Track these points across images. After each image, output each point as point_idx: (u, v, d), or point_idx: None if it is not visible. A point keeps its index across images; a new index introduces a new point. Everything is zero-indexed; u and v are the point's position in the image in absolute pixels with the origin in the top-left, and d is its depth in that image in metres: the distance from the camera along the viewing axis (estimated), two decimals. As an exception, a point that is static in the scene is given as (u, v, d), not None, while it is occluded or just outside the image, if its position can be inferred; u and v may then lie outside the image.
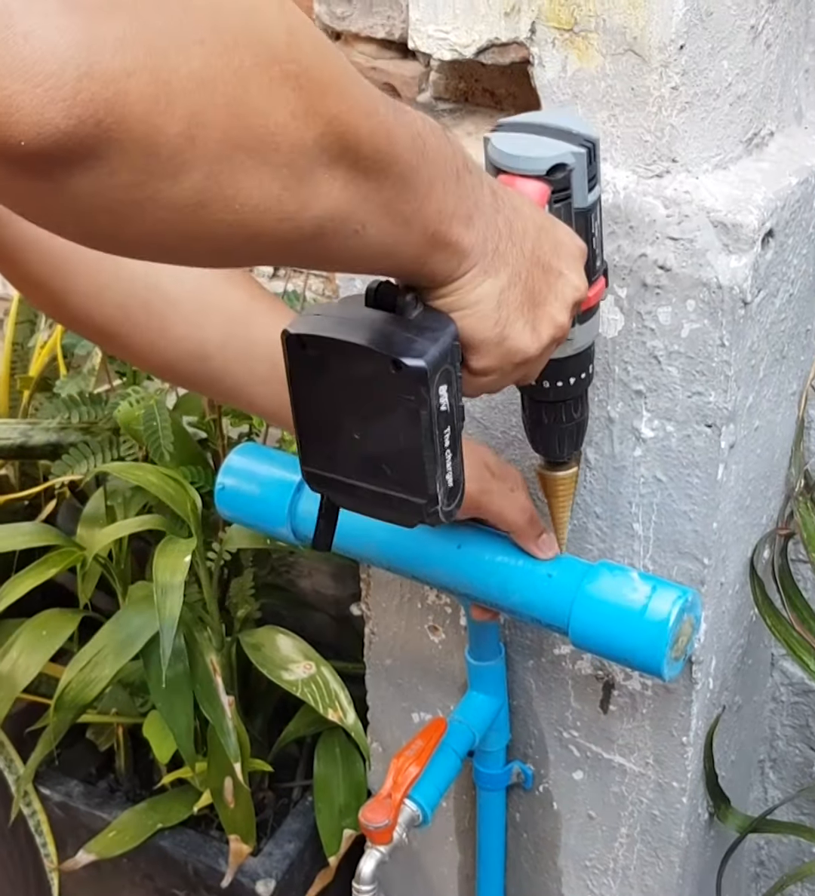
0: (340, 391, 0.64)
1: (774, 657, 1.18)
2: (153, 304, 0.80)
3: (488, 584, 0.91)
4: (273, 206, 0.48)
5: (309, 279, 1.56)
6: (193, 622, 1.35)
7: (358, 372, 0.62)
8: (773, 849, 1.29)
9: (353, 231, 0.53)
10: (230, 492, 1.03)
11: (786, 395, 0.99)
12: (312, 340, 0.63)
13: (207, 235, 0.47)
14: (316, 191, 0.49)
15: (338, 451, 0.66)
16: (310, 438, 0.67)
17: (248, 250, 0.51)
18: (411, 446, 0.63)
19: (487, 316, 0.64)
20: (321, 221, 0.51)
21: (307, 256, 0.55)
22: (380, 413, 0.63)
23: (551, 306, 0.69)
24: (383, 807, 0.96)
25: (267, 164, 0.46)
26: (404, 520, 0.67)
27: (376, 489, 0.66)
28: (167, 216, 0.45)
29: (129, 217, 0.44)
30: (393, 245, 0.57)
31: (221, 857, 1.38)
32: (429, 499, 0.65)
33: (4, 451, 1.48)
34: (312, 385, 0.65)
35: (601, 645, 0.87)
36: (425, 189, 0.57)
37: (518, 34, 0.88)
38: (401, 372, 0.60)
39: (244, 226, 0.47)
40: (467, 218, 0.61)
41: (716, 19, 0.82)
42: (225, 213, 0.46)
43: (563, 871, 1.16)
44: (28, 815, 1.46)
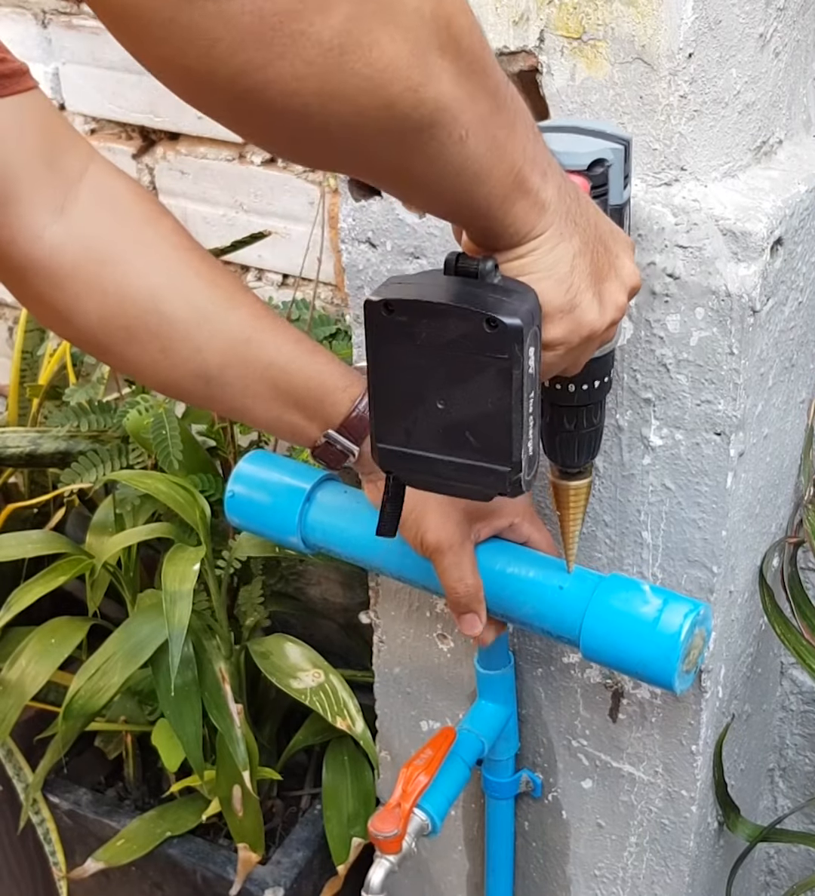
0: (426, 357, 0.63)
1: (783, 666, 1.18)
2: (156, 325, 0.81)
3: (499, 595, 0.91)
4: (402, 71, 0.50)
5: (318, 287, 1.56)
6: (201, 630, 1.35)
7: (449, 334, 0.62)
8: (783, 858, 1.29)
9: (458, 136, 0.55)
10: (240, 500, 1.03)
11: (795, 404, 0.99)
12: (400, 305, 0.63)
13: (343, 95, 0.49)
14: (434, 71, 0.52)
15: (418, 423, 0.66)
16: (387, 413, 0.67)
17: (373, 131, 0.52)
18: (499, 409, 0.63)
19: (561, 280, 0.65)
20: (438, 107, 0.53)
21: (416, 155, 0.56)
22: (469, 376, 0.63)
23: (612, 283, 0.69)
24: (393, 816, 0.96)
25: (396, 22, 0.49)
26: (485, 492, 0.67)
27: (458, 460, 0.66)
28: (313, 57, 0.47)
29: (279, 53, 0.46)
30: (487, 171, 0.58)
31: (229, 866, 1.38)
32: (513, 466, 0.65)
33: (14, 460, 1.48)
34: (395, 354, 0.64)
35: (612, 657, 0.87)
36: (512, 122, 0.59)
37: (527, 43, 0.88)
38: (496, 330, 0.61)
39: (377, 87, 0.50)
40: (543, 172, 0.63)
41: (725, 28, 0.82)
42: (362, 65, 0.49)
43: (572, 880, 1.16)
44: (37, 823, 1.46)
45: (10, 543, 1.41)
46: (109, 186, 0.81)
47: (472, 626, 0.90)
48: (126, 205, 0.82)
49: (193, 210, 1.66)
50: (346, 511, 0.97)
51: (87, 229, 0.79)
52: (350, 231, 1.00)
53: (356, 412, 0.85)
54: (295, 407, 0.85)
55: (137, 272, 0.80)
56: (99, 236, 0.80)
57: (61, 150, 0.79)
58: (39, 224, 0.77)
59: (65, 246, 0.78)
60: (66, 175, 0.78)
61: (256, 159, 1.57)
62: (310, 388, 0.85)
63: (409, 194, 0.65)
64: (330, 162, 0.60)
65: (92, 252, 0.79)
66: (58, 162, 0.78)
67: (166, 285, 0.81)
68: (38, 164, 0.77)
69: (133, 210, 0.82)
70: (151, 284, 0.81)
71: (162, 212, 0.84)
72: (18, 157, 0.76)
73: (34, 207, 0.77)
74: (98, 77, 1.66)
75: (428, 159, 0.56)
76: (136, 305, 0.80)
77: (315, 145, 0.54)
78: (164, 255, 0.82)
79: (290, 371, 0.84)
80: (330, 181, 1.47)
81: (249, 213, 1.61)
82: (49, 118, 0.78)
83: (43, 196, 0.77)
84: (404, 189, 0.63)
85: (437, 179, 0.59)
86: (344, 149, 0.55)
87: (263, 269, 1.64)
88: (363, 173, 0.61)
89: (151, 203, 0.83)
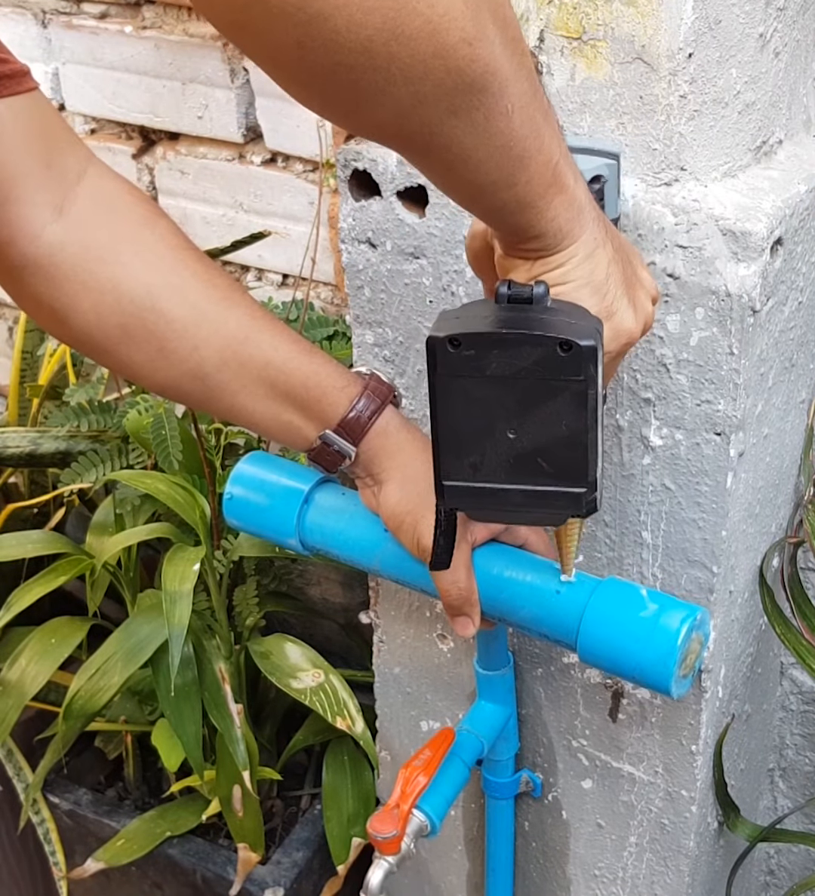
0: (495, 388, 0.64)
1: (783, 666, 1.18)
2: (153, 324, 0.81)
3: (496, 599, 0.91)
4: (458, 21, 0.52)
5: (318, 287, 1.56)
6: (201, 630, 1.35)
7: (521, 362, 0.62)
8: (783, 858, 1.29)
9: (505, 109, 0.57)
10: (238, 501, 1.02)
11: (795, 404, 0.99)
12: (467, 338, 0.63)
13: (405, 35, 0.51)
14: (487, 30, 0.54)
15: (487, 456, 0.66)
16: (453, 450, 0.67)
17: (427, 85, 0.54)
18: (575, 431, 0.63)
19: (598, 287, 0.66)
20: (488, 69, 0.55)
21: (464, 121, 0.57)
22: (541, 402, 0.63)
23: (639, 291, 0.70)
24: (391, 817, 0.96)
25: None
26: (558, 516, 0.68)
27: (529, 488, 0.66)
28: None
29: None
30: (529, 156, 0.59)
31: (229, 866, 1.38)
32: (589, 486, 0.65)
33: (14, 460, 1.48)
34: (463, 388, 0.64)
35: (609, 662, 0.87)
36: (546, 110, 0.61)
37: (527, 43, 0.88)
38: (571, 352, 0.61)
39: (435, 31, 0.52)
40: (575, 173, 0.64)
41: (724, 27, 0.82)
42: (423, 6, 0.51)
43: (572, 880, 1.16)
44: (37, 823, 1.46)
45: (10, 543, 1.41)
46: (107, 189, 0.82)
47: (465, 627, 0.90)
48: (123, 207, 0.82)
49: (193, 210, 1.66)
50: (344, 513, 0.97)
51: (86, 230, 0.79)
52: (350, 231, 1.00)
53: (354, 412, 0.85)
54: (292, 406, 0.85)
55: (134, 272, 0.81)
56: (97, 237, 0.80)
57: (61, 151, 0.79)
58: (38, 224, 0.77)
59: (63, 246, 0.78)
60: (65, 176, 0.79)
61: (256, 159, 1.57)
62: (308, 388, 0.85)
63: (453, 173, 0.63)
64: (382, 120, 0.58)
65: (90, 252, 0.79)
66: (57, 163, 0.78)
67: (164, 285, 0.81)
68: (37, 165, 0.77)
69: (130, 212, 0.82)
70: (149, 283, 0.81)
71: (158, 213, 0.84)
72: (19, 158, 0.76)
73: (33, 207, 0.77)
74: (98, 77, 1.66)
75: (475, 128, 0.57)
76: (133, 304, 0.80)
77: (373, 96, 0.55)
78: (161, 256, 0.82)
79: (287, 370, 0.84)
80: (330, 181, 1.47)
81: (249, 213, 1.61)
82: (49, 119, 0.79)
83: (42, 196, 0.77)
84: (449, 164, 0.61)
85: (482, 155, 0.59)
86: (398, 105, 0.55)
87: (263, 269, 1.64)
88: (410, 140, 0.60)
89: (147, 205, 0.84)
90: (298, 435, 0.87)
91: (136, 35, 1.58)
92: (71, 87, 1.70)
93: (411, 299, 0.99)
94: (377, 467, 0.88)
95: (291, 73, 0.54)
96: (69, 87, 1.71)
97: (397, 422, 0.88)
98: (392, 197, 0.96)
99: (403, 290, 0.99)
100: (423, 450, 0.87)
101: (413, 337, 1.01)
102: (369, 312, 1.03)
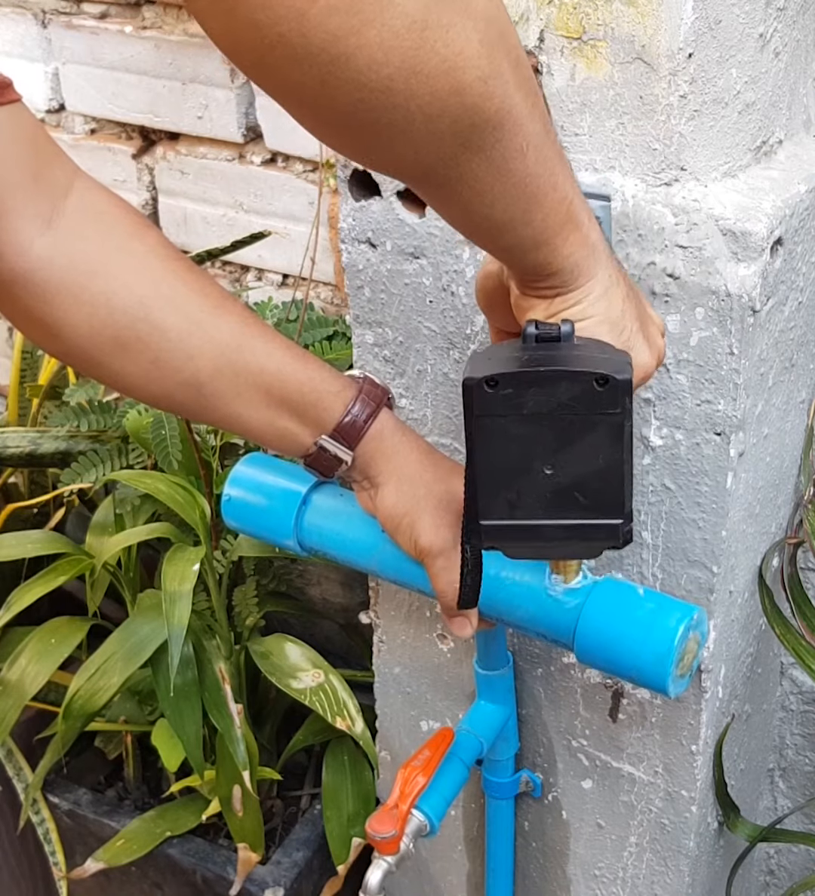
0: (533, 426, 0.65)
1: (783, 666, 1.18)
2: (147, 335, 0.81)
3: (494, 599, 0.91)
4: (473, 59, 0.54)
5: (318, 287, 1.56)
6: (201, 630, 1.35)
7: (558, 399, 0.64)
8: (783, 858, 1.29)
9: (520, 147, 0.58)
10: (237, 503, 1.02)
11: (795, 404, 0.99)
12: (505, 378, 0.64)
13: (423, 73, 0.52)
14: (501, 68, 0.56)
15: (524, 493, 0.67)
16: (490, 489, 0.68)
17: (445, 121, 0.55)
18: (611, 463, 0.65)
19: (615, 323, 0.67)
20: (503, 106, 0.56)
21: (480, 158, 0.58)
22: (578, 436, 0.64)
23: (651, 327, 0.72)
24: (390, 817, 0.96)
25: (468, 13, 0.53)
26: (595, 548, 0.69)
27: (567, 522, 0.67)
28: (398, 28, 0.51)
29: (368, 20, 0.50)
30: (544, 193, 0.61)
31: (229, 866, 1.38)
32: (625, 517, 0.67)
33: (14, 460, 1.48)
34: (500, 428, 0.65)
35: (606, 661, 0.87)
36: (560, 150, 0.62)
37: (527, 43, 0.88)
38: (607, 386, 0.63)
39: (451, 69, 0.53)
40: (588, 213, 0.65)
41: (724, 27, 0.82)
42: (441, 45, 0.52)
43: (572, 880, 1.16)
44: (37, 823, 1.46)
45: (10, 543, 1.41)
46: (95, 201, 0.81)
47: (462, 628, 0.90)
48: (111, 219, 0.81)
49: (193, 210, 1.66)
50: (342, 514, 0.97)
51: (75, 242, 0.78)
52: (350, 231, 1.00)
53: (350, 416, 0.85)
54: (288, 413, 0.85)
55: (125, 284, 0.80)
56: (86, 249, 0.79)
57: (48, 163, 0.78)
58: (27, 238, 0.76)
59: (52, 259, 0.77)
60: (52, 188, 0.78)
61: (256, 159, 1.57)
62: (303, 394, 0.84)
63: (469, 210, 0.64)
64: (401, 156, 0.59)
65: (80, 265, 0.78)
66: (44, 175, 0.77)
67: (156, 296, 0.81)
68: (25, 177, 0.76)
69: (119, 224, 0.81)
70: (141, 295, 0.80)
71: (147, 224, 0.83)
72: (5, 170, 0.75)
73: (22, 220, 0.76)
74: (98, 77, 1.66)
75: (491, 165, 0.58)
76: (126, 316, 0.80)
77: (392, 133, 0.56)
78: (151, 267, 0.81)
79: (282, 377, 0.84)
80: (330, 181, 1.47)
81: (249, 213, 1.61)
82: (34, 131, 0.77)
83: (31, 209, 0.76)
84: (466, 201, 0.62)
85: (498, 192, 0.60)
86: (416, 141, 0.56)
87: (263, 269, 1.64)
88: (427, 176, 0.61)
89: (135, 216, 0.83)
90: (294, 441, 0.87)
91: (136, 35, 1.59)
92: (71, 87, 1.71)
93: (411, 299, 0.99)
94: (373, 470, 0.88)
95: (313, 111, 0.55)
96: (69, 87, 1.71)
97: (392, 424, 0.88)
98: (392, 197, 0.96)
99: (404, 290, 0.99)
100: (418, 451, 0.88)
101: (413, 337, 1.01)
102: (369, 312, 1.03)
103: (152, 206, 1.72)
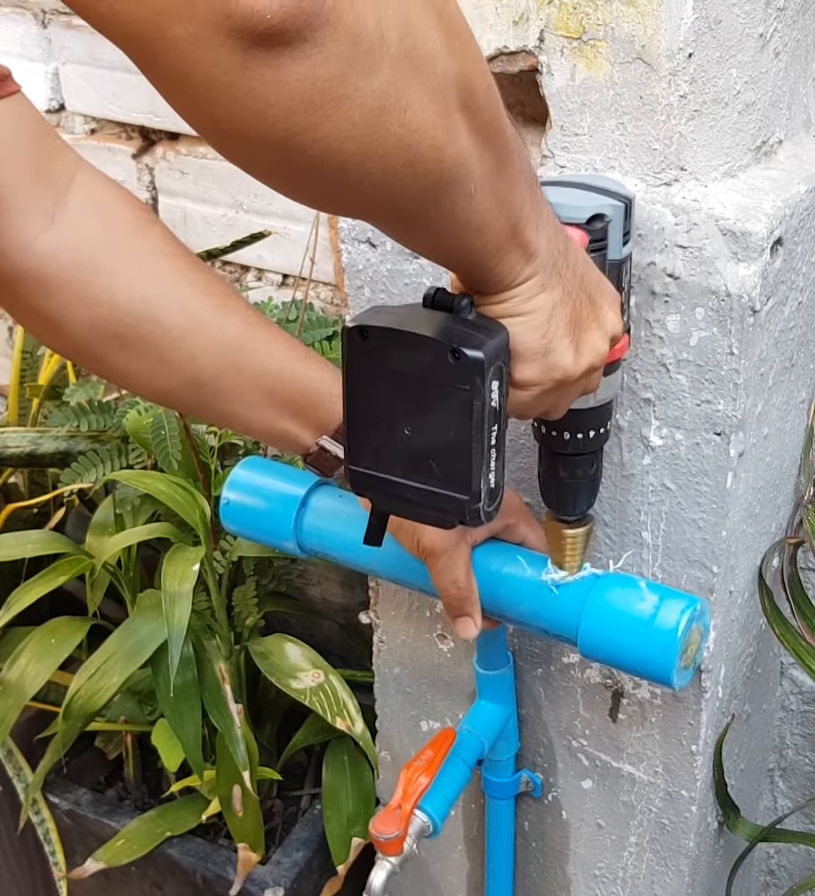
0: (395, 384, 0.66)
1: (783, 666, 1.18)
2: (150, 334, 0.80)
3: (496, 595, 0.91)
4: (429, 131, 0.53)
5: (318, 287, 1.56)
6: (201, 630, 1.35)
7: (417, 362, 0.65)
8: (783, 858, 1.29)
9: (469, 191, 0.58)
10: (235, 506, 1.03)
11: (795, 404, 0.99)
12: (374, 331, 0.66)
13: (377, 154, 0.51)
14: (456, 129, 0.55)
15: (387, 447, 0.68)
16: (360, 435, 0.69)
17: (399, 188, 0.55)
18: (461, 438, 0.65)
19: (537, 327, 0.67)
20: (456, 163, 0.55)
21: (430, 208, 0.58)
22: (434, 405, 0.65)
23: (593, 333, 0.71)
24: (394, 818, 0.96)
25: (426, 84, 0.52)
26: (446, 519, 0.69)
27: (422, 486, 0.68)
28: (355, 119, 0.49)
29: (326, 115, 0.48)
30: (487, 224, 0.61)
31: (229, 866, 1.38)
32: (472, 495, 0.67)
33: (14, 460, 1.48)
34: (368, 379, 0.67)
35: (610, 655, 0.87)
36: (515, 178, 0.62)
37: (527, 43, 0.88)
38: (459, 361, 0.63)
39: (407, 146, 0.52)
40: (536, 226, 0.65)
41: (724, 27, 0.82)
42: (397, 126, 0.51)
43: (572, 880, 1.16)
44: (37, 823, 1.46)
45: (10, 543, 1.41)
46: (98, 194, 0.80)
47: (466, 629, 0.90)
48: (115, 213, 0.81)
49: (193, 210, 1.66)
50: (341, 515, 0.97)
51: (78, 238, 0.78)
52: (350, 231, 1.00)
53: None
54: (289, 414, 0.85)
55: (129, 282, 0.80)
56: (89, 246, 0.79)
57: (49, 156, 0.77)
58: (30, 233, 0.76)
59: (55, 255, 0.77)
60: (55, 182, 0.77)
61: (256, 159, 1.57)
62: (305, 396, 0.84)
63: (414, 244, 0.67)
64: (356, 214, 0.63)
65: (83, 262, 0.78)
66: (47, 169, 0.76)
67: (160, 294, 0.80)
68: (27, 172, 0.75)
69: (122, 218, 0.81)
70: (145, 293, 0.80)
71: (151, 219, 0.83)
72: (6, 165, 0.74)
73: (25, 216, 0.75)
74: (98, 77, 1.66)
75: (441, 213, 0.58)
76: (130, 314, 0.79)
77: (345, 200, 0.57)
78: (155, 264, 0.81)
79: (284, 378, 0.84)
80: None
81: (249, 213, 1.61)
82: (35, 123, 0.76)
83: (33, 204, 0.76)
84: (411, 239, 0.65)
85: (444, 232, 0.61)
86: (369, 203, 0.57)
87: (263, 269, 1.64)
88: (381, 223, 0.63)
89: (139, 210, 0.82)
90: (295, 442, 0.87)
91: (136, 35, 1.58)
92: (71, 87, 1.71)
93: (410, 299, 0.99)
94: None
95: (273, 185, 0.57)
96: (69, 87, 1.71)
97: None
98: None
99: (404, 290, 0.99)
100: None
101: (413, 337, 1.01)
102: (369, 312, 1.03)
103: (152, 206, 1.72)
